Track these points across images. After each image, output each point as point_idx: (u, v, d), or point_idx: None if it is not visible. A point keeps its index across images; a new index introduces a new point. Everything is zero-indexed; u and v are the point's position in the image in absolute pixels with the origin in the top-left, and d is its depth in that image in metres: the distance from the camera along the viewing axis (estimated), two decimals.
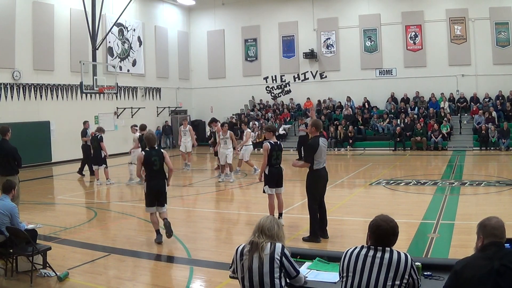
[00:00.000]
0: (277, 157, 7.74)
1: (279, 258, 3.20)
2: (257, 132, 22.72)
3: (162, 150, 7.33)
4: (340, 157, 20.05)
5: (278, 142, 7.95)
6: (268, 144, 7.69)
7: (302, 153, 16.13)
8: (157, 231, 7.18)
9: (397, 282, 2.81)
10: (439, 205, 9.17)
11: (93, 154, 13.48)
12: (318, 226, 6.93)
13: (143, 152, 7.23)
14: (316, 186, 6.92)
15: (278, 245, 3.26)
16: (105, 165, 13.41)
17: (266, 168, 7.76)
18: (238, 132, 24.73)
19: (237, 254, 3.35)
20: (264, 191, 7.85)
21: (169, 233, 7.00)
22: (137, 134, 13.20)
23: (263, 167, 7.77)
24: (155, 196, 7.07)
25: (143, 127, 13.21)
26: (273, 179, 7.75)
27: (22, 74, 18.02)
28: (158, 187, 7.06)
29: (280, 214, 7.88)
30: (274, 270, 3.17)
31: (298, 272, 3.30)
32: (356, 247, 3.03)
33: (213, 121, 14.54)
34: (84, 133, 15.11)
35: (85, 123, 15.42)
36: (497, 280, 2.51)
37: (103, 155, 13.24)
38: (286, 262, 3.23)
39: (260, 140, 8.56)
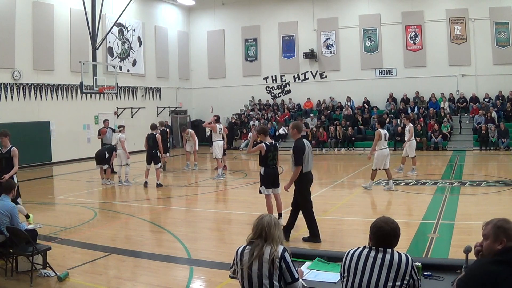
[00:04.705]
0: (273, 158, 7.73)
1: (278, 261, 3.15)
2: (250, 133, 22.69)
3: (155, 134, 12.79)
4: (340, 157, 20.05)
5: (274, 142, 7.95)
6: (264, 145, 7.69)
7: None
8: (146, 181, 12.78)
9: (398, 283, 2.82)
10: (439, 205, 9.17)
11: (99, 152, 13.58)
12: (316, 226, 6.94)
13: (147, 133, 12.95)
14: (306, 188, 6.99)
15: (280, 248, 3.21)
16: (108, 165, 13.50)
17: (261, 168, 7.79)
18: (238, 132, 24.78)
19: (237, 256, 3.33)
20: (260, 192, 7.86)
21: (161, 186, 12.62)
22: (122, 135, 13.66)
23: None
24: (149, 158, 12.78)
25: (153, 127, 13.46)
26: (269, 179, 7.75)
27: (22, 74, 18.01)
28: (150, 153, 12.72)
29: (280, 215, 7.87)
30: (274, 272, 3.13)
31: (294, 279, 3.19)
32: (358, 248, 3.04)
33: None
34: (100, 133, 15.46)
35: (105, 121, 15.85)
36: None
37: (107, 156, 13.35)
38: (284, 266, 3.16)
39: (256, 141, 8.60)
